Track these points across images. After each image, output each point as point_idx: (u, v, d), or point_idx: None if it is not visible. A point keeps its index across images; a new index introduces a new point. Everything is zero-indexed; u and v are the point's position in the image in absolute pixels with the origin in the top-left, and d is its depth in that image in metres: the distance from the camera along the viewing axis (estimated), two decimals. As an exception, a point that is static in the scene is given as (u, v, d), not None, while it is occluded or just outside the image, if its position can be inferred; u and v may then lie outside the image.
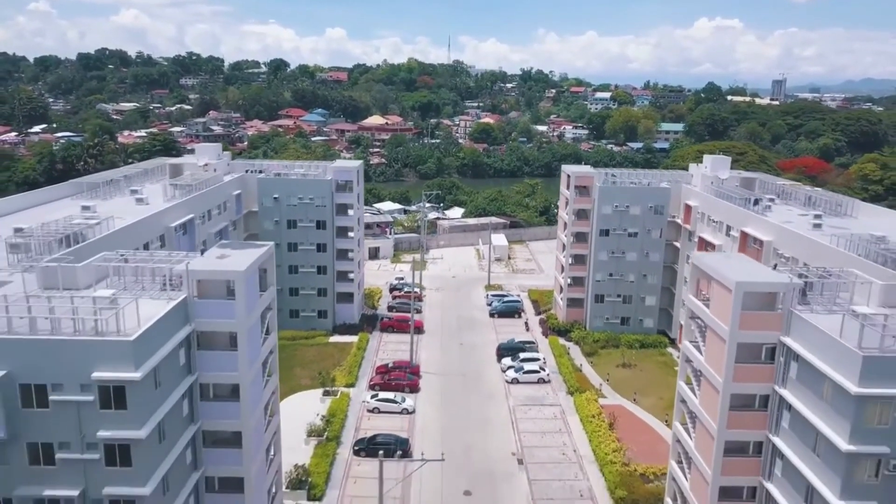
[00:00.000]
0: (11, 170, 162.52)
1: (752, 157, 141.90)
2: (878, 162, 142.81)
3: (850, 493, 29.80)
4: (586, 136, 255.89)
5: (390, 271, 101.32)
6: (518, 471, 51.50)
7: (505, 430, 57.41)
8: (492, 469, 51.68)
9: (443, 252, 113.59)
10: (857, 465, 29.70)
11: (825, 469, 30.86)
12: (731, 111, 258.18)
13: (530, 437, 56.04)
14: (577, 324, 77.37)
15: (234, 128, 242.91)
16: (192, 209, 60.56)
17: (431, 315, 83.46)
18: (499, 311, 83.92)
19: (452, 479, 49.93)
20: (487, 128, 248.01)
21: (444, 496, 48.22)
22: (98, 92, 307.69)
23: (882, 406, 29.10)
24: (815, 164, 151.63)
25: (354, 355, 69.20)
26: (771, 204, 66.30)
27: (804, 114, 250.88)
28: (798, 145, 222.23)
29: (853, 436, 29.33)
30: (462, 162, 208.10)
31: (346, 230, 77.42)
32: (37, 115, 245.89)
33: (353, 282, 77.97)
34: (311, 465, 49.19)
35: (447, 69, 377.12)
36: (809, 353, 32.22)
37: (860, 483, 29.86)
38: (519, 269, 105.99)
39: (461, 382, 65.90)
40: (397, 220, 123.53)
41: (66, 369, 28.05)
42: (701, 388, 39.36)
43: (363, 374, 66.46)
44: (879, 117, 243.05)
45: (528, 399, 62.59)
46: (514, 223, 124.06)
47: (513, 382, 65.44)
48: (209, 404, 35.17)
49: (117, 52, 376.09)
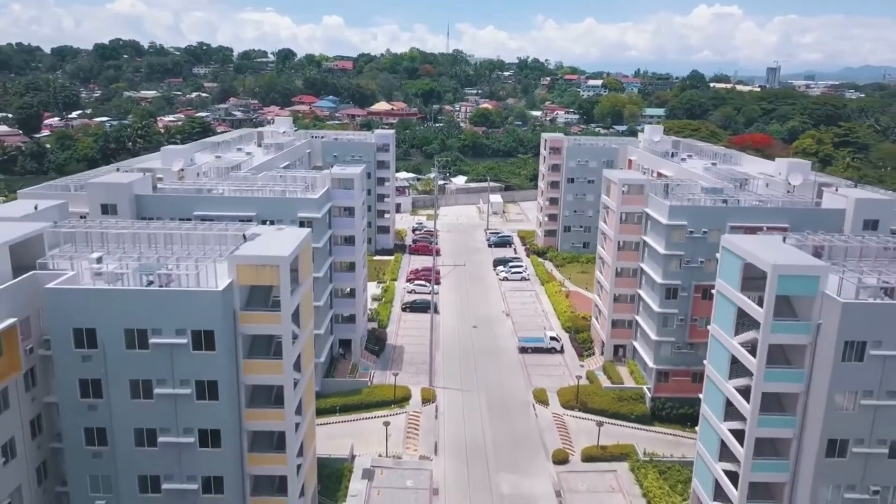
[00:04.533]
0: (73, 148, 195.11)
1: (703, 133, 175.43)
2: (815, 138, 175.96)
3: (667, 276, 62.78)
4: (577, 121, 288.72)
5: (410, 221, 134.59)
6: (506, 318, 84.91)
7: (498, 301, 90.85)
8: (490, 317, 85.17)
9: (451, 209, 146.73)
10: (670, 261, 62.66)
11: (656, 267, 63.91)
12: (710, 97, 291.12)
13: (514, 304, 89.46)
14: (551, 248, 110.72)
15: (253, 113, 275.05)
16: (287, 158, 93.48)
17: (444, 246, 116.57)
18: (494, 242, 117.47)
19: (465, 322, 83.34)
20: (486, 113, 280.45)
21: (460, 329, 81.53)
22: (115, 81, 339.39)
23: (679, 230, 61.98)
24: (761, 140, 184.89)
25: (393, 265, 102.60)
26: (687, 157, 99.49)
27: (777, 99, 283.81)
28: (769, 127, 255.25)
29: (666, 247, 62.30)
30: (463, 143, 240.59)
31: (384, 180, 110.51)
32: (70, 103, 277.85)
33: (388, 218, 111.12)
34: (379, 311, 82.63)
35: (447, 58, 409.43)
36: (653, 212, 65.26)
37: (672, 271, 62.75)
38: (511, 219, 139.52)
39: (468, 280, 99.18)
40: (412, 184, 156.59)
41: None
42: (604, 265, 72.55)
43: (401, 275, 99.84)
44: (844, 102, 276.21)
45: (513, 287, 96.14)
46: (508, 187, 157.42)
47: (504, 280, 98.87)
48: (339, 274, 68.01)
49: (131, 42, 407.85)
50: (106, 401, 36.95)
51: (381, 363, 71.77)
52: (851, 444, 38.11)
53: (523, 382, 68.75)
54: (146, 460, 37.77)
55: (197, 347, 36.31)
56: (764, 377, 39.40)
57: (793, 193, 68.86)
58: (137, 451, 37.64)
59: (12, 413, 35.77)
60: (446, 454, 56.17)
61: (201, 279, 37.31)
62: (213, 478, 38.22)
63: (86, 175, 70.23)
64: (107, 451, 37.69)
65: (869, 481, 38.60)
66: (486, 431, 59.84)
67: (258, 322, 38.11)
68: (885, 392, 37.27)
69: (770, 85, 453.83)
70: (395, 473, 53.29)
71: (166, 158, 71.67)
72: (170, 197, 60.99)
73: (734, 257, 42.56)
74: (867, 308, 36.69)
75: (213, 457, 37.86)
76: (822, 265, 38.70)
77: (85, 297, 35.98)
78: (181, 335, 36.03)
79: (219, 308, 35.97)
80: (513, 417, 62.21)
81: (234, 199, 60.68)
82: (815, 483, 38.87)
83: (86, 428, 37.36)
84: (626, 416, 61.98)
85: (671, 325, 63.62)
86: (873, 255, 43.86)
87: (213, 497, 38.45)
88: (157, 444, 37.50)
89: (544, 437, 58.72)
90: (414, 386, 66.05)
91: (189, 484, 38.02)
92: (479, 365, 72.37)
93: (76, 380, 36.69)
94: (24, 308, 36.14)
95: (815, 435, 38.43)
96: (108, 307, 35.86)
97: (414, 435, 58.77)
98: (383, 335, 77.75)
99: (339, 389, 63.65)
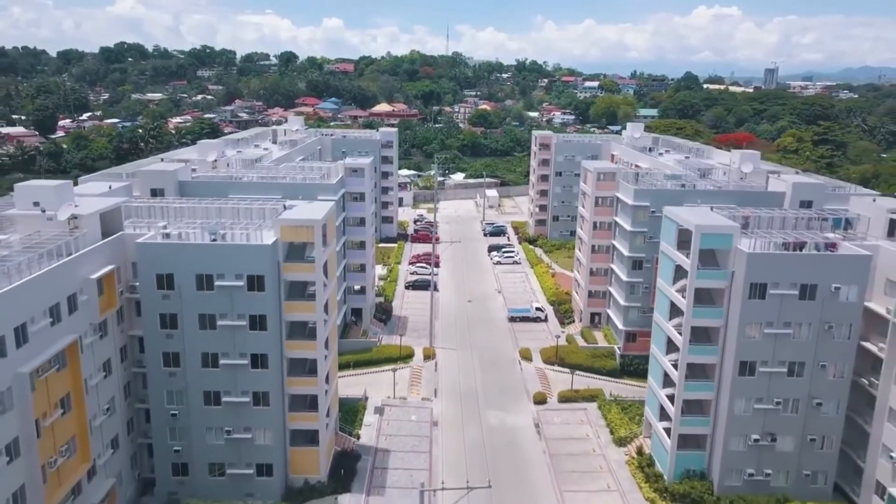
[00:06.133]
0: (88, 148, 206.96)
1: (688, 131, 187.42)
2: (796, 136, 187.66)
3: (633, 250, 74.27)
4: (573, 121, 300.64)
5: (412, 213, 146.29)
6: (498, 295, 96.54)
7: (492, 281, 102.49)
8: (484, 294, 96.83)
9: (450, 203, 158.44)
10: (635, 237, 74.15)
11: (624, 243, 75.44)
12: (703, 98, 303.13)
13: (506, 283, 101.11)
14: (541, 236, 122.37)
15: (257, 114, 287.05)
16: (301, 153, 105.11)
17: (443, 236, 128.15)
18: (489, 231, 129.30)
19: (462, 298, 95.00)
20: (485, 114, 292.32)
21: (457, 303, 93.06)
22: (121, 83, 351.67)
23: (643, 211, 73.46)
24: (744, 138, 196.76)
25: (397, 251, 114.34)
26: (664, 152, 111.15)
27: (768, 100, 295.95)
28: (760, 127, 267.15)
29: (632, 225, 73.80)
30: (462, 142, 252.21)
31: (388, 174, 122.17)
32: (79, 105, 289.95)
33: (391, 209, 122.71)
34: (385, 288, 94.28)
35: (447, 60, 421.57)
36: (622, 196, 76.78)
37: (637, 245, 74.22)
38: (506, 212, 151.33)
39: (465, 264, 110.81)
40: (414, 181, 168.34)
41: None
42: (582, 243, 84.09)
43: (403, 259, 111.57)
44: (833, 102, 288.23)
45: (506, 270, 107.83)
46: (503, 182, 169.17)
47: (497, 264, 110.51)
48: (351, 251, 79.57)
49: (135, 45, 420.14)
50: (180, 331, 48.44)
51: (387, 329, 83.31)
52: (758, 365, 49.59)
53: (511, 344, 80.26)
54: (210, 379, 49.22)
55: (251, 289, 47.77)
56: (692, 314, 50.95)
57: (745, 180, 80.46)
58: (203, 371, 49.08)
59: (110, 339, 47.37)
60: (444, 397, 67.71)
61: (251, 238, 48.85)
62: (262, 393, 49.65)
63: (130, 166, 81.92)
64: (179, 371, 49.17)
65: (773, 395, 50.06)
66: (478, 381, 71.37)
67: (297, 271, 49.67)
68: (782, 323, 48.77)
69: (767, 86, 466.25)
70: (402, 410, 64.81)
71: (202, 151, 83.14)
72: (208, 182, 72.47)
73: (672, 223, 54.16)
74: (766, 258, 48.23)
75: (262, 376, 49.31)
76: (733, 225, 50.30)
77: (166, 250, 47.54)
78: (239, 279, 47.50)
79: (268, 258, 47.51)
80: (501, 370, 73.75)
81: (262, 184, 72.19)
82: (732, 397, 50.34)
83: (164, 353, 48.86)
84: (598, 371, 73.47)
85: (637, 292, 75.20)
86: (785, 225, 55.31)
87: (260, 409, 49.88)
88: (219, 366, 48.91)
89: (527, 385, 70.22)
90: (417, 346, 77.58)
91: (243, 398, 49.40)
92: (474, 331, 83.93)
93: (157, 314, 48.21)
94: (116, 260, 47.73)
95: (731, 359, 49.92)
96: (184, 257, 47.41)
97: (417, 383, 70.29)
98: (389, 307, 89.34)
99: (352, 349, 75.10)
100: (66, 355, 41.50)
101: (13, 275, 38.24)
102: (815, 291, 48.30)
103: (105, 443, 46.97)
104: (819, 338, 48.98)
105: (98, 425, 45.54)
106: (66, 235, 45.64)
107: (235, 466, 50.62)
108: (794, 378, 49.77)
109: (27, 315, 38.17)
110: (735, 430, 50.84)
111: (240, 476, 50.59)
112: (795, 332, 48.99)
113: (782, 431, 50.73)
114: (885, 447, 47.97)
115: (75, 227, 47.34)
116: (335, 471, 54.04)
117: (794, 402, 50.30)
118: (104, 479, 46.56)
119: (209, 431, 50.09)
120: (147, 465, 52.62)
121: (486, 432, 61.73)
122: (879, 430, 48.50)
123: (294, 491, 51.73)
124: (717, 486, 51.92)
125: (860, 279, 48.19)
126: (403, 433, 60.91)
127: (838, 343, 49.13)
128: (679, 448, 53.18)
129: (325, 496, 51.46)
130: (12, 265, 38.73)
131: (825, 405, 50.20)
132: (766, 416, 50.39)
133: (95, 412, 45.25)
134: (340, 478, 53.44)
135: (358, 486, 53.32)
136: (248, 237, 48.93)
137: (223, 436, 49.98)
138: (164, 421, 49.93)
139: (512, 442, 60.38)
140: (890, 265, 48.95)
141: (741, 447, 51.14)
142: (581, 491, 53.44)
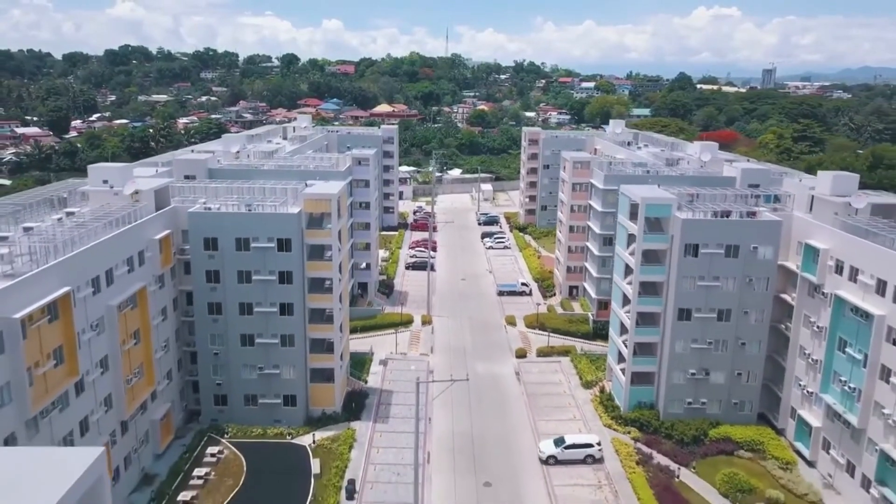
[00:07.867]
0: (101, 147, 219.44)
1: (672, 129, 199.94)
2: (776, 133, 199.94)
3: (603, 228, 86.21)
4: (568, 121, 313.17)
5: (412, 206, 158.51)
6: (489, 274, 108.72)
7: (484, 263, 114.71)
8: (476, 273, 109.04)
9: (447, 197, 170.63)
10: (605, 217, 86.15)
11: (596, 222, 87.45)
12: (695, 98, 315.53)
13: (496, 265, 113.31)
14: (531, 224, 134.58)
15: (261, 115, 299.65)
16: (310, 148, 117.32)
17: (440, 224, 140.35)
18: (483, 221, 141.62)
19: (456, 277, 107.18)
20: (483, 114, 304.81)
21: (452, 281, 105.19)
22: (127, 85, 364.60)
23: (612, 194, 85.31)
24: (728, 136, 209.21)
25: (397, 238, 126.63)
26: (643, 146, 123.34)
27: (759, 99, 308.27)
28: (749, 126, 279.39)
29: (603, 206, 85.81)
30: (460, 141, 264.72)
31: (389, 168, 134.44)
32: (88, 106, 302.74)
33: (392, 200, 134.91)
34: (387, 268, 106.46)
35: (446, 61, 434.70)
36: (595, 181, 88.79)
37: (607, 224, 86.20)
38: (500, 204, 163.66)
39: (460, 249, 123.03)
40: (413, 176, 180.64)
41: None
42: (561, 224, 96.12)
43: (403, 245, 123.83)
44: (821, 102, 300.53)
45: (497, 254, 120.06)
46: (498, 178, 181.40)
47: (489, 248, 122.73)
48: (358, 231, 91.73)
49: (139, 48, 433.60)
50: (222, 285, 60.50)
51: (390, 301, 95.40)
52: (694, 312, 61.56)
53: (499, 314, 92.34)
54: (246, 324, 61.24)
55: (280, 250, 59.79)
56: (640, 272, 63.03)
57: (704, 167, 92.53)
58: (241, 318, 61.10)
59: (166, 290, 59.56)
60: (439, 353, 79.81)
61: (279, 209, 60.93)
62: (288, 336, 61.65)
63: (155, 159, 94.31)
64: (221, 318, 61.21)
65: (706, 337, 62.04)
66: (469, 341, 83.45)
67: (317, 237, 61.77)
68: (712, 276, 60.76)
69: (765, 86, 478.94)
70: (403, 363, 76.89)
71: (226, 144, 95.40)
72: (233, 170, 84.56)
73: (625, 198, 66.33)
74: (698, 223, 60.33)
75: (288, 322, 61.30)
76: (671, 196, 62.41)
77: (212, 217, 59.67)
78: (270, 241, 59.54)
79: (294, 224, 59.59)
80: (489, 333, 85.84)
81: (280, 172, 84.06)
82: (673, 339, 62.33)
83: (209, 302, 60.94)
84: (573, 334, 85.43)
85: (608, 265, 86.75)
86: (727, 201, 67.25)
87: (287, 349, 61.89)
88: (253, 313, 60.96)
89: (511, 344, 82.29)
90: (416, 315, 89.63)
91: (272, 339, 61.39)
92: (466, 303, 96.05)
93: (204, 270, 60.29)
94: (170, 226, 59.88)
95: (672, 307, 61.90)
96: (226, 223, 59.50)
97: (416, 343, 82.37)
98: (391, 284, 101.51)
99: (359, 316, 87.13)
100: (137, 297, 53.68)
101: (100, 233, 50.44)
102: (738, 251, 60.38)
103: (163, 374, 59.12)
104: (742, 289, 61.06)
105: (158, 359, 57.65)
106: (130, 207, 57.89)
107: (266, 397, 62.67)
108: (722, 322, 61.79)
109: (113, 262, 50.36)
110: (676, 366, 62.87)
111: (270, 405, 62.66)
112: (723, 285, 61.05)
113: (714, 367, 62.76)
114: (796, 378, 60.13)
115: (137, 200, 59.57)
116: (347, 405, 66.09)
117: (723, 342, 62.31)
118: (162, 402, 58.74)
119: (245, 368, 62.17)
120: (191, 399, 64.73)
121: (474, 377, 73.74)
122: (793, 364, 60.64)
123: (314, 419, 63.74)
124: (662, 413, 63.90)
125: (773, 241, 60.29)
126: (404, 380, 72.94)
127: (758, 293, 61.21)
128: (632, 384, 65.19)
129: (339, 423, 63.47)
130: (99, 225, 50.97)
131: (749, 345, 62.28)
132: (700, 354, 62.43)
133: (156, 347, 57.36)
134: (352, 410, 65.49)
135: (366, 416, 65.34)
136: (276, 209, 61.05)
137: (256, 371, 62.07)
138: (209, 359, 62.07)
139: (495, 385, 72.45)
140: (802, 231, 60.98)
141: (681, 381, 63.15)
142: (551, 420, 65.40)
